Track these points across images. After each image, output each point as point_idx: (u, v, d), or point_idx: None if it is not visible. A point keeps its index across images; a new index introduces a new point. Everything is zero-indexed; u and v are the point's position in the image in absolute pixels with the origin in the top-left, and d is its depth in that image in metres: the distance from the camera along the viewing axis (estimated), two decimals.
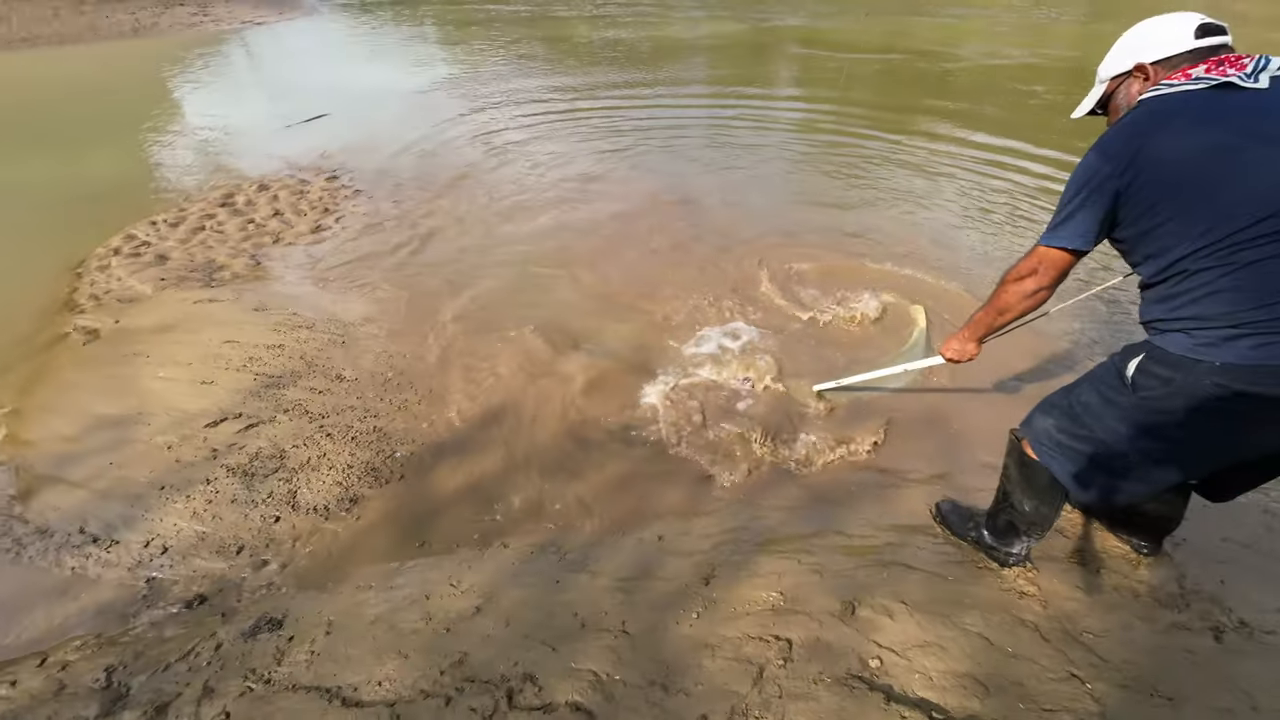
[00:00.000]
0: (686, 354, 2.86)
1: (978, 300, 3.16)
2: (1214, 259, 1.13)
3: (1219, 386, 1.15)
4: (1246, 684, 1.36)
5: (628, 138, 6.04)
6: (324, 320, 3.13)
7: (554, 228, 4.18)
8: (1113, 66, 1.34)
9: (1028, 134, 5.79)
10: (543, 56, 10.09)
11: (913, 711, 1.31)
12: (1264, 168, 1.08)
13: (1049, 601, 1.60)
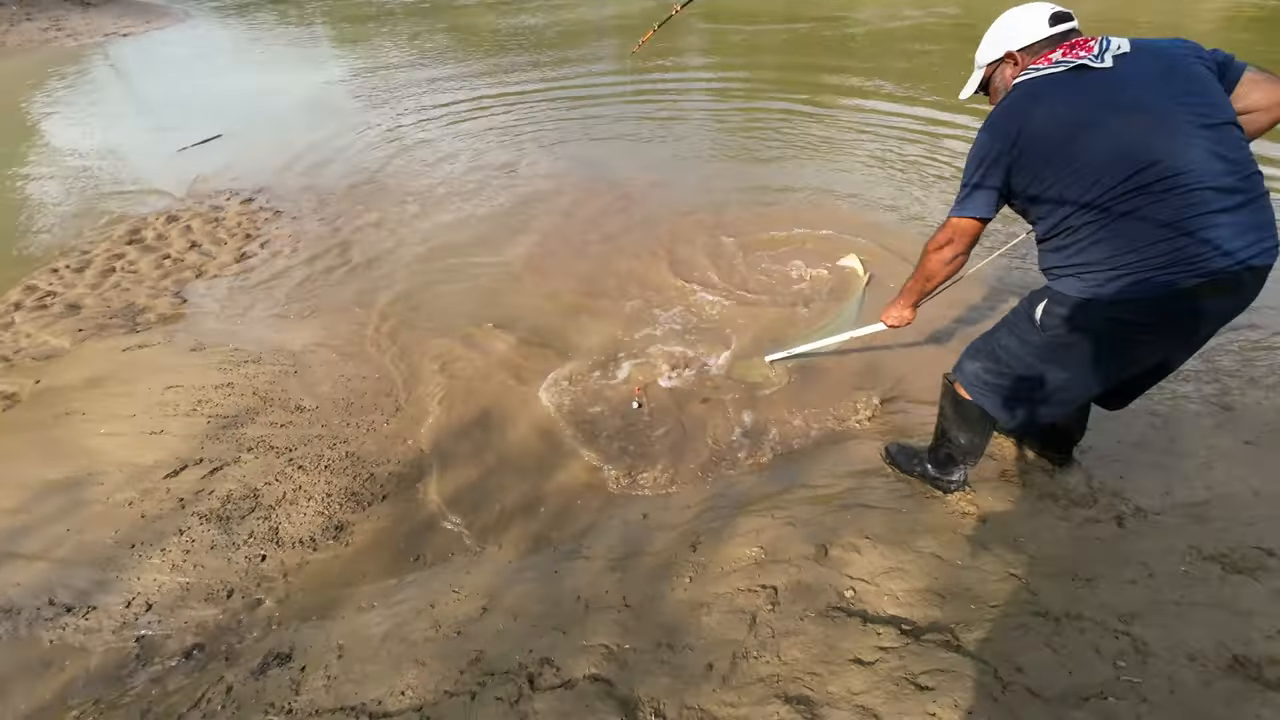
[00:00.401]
0: (641, 340, 2.98)
1: (905, 254, 3.46)
2: (1092, 215, 1.34)
3: (1107, 320, 1.38)
4: (1144, 558, 1.64)
5: (545, 125, 6.02)
6: (270, 352, 3.05)
7: (486, 226, 4.18)
8: (987, 55, 1.55)
9: (930, 93, 6.18)
10: (449, 49, 9.79)
11: (886, 628, 1.52)
12: (1123, 136, 1.28)
13: (986, 517, 1.85)
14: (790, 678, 1.42)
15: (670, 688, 1.45)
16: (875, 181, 4.46)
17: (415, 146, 5.70)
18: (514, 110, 6.51)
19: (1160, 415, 2.24)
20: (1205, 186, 1.25)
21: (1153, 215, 1.28)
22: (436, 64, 8.71)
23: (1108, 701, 1.26)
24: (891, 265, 3.40)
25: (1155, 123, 1.27)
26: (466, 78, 7.73)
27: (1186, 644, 1.37)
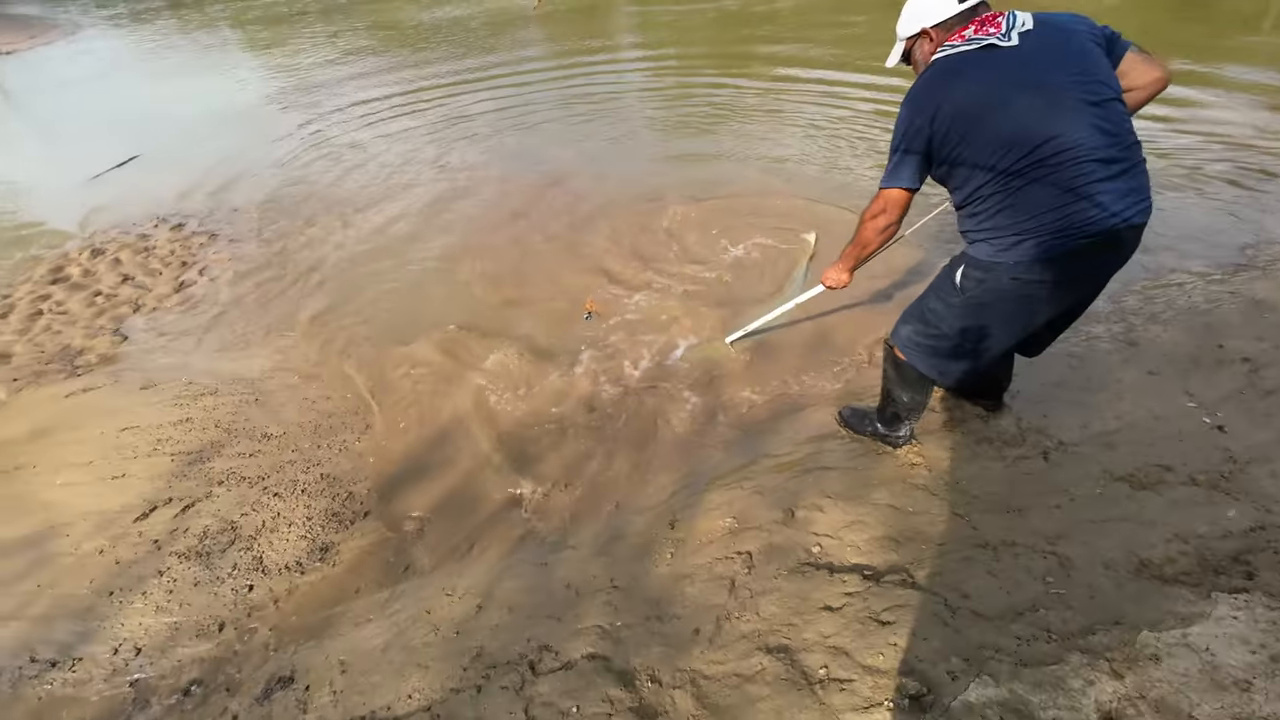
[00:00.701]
0: (601, 332, 3.06)
1: (848, 221, 3.63)
2: (998, 186, 1.49)
3: (1014, 280, 1.55)
4: (1066, 485, 1.85)
5: (477, 120, 5.96)
6: (227, 382, 2.99)
7: (430, 228, 4.17)
8: (905, 29, 1.67)
9: (855, 62, 6.39)
10: (371, 47, 9.46)
11: (851, 576, 1.68)
12: (1027, 114, 1.43)
13: (932, 465, 2.04)
14: (769, 631, 1.56)
15: (662, 655, 1.57)
16: (813, 152, 4.63)
17: (347, 151, 5.56)
18: (445, 104, 6.41)
19: (1076, 355, 2.47)
20: (1092, 159, 1.42)
21: (1048, 186, 1.44)
22: (360, 63, 8.42)
23: (1039, 613, 1.45)
24: (834, 231, 3.57)
25: (1052, 102, 1.43)
26: (393, 75, 7.52)
27: (1102, 555, 1.58)
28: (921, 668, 1.37)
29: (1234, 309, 2.60)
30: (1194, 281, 2.87)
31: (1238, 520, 1.61)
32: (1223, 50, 5.85)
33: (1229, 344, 2.38)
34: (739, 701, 1.41)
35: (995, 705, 1.26)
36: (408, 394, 2.81)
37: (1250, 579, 1.44)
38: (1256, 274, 2.86)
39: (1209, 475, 1.78)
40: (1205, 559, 1.51)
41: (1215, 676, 1.23)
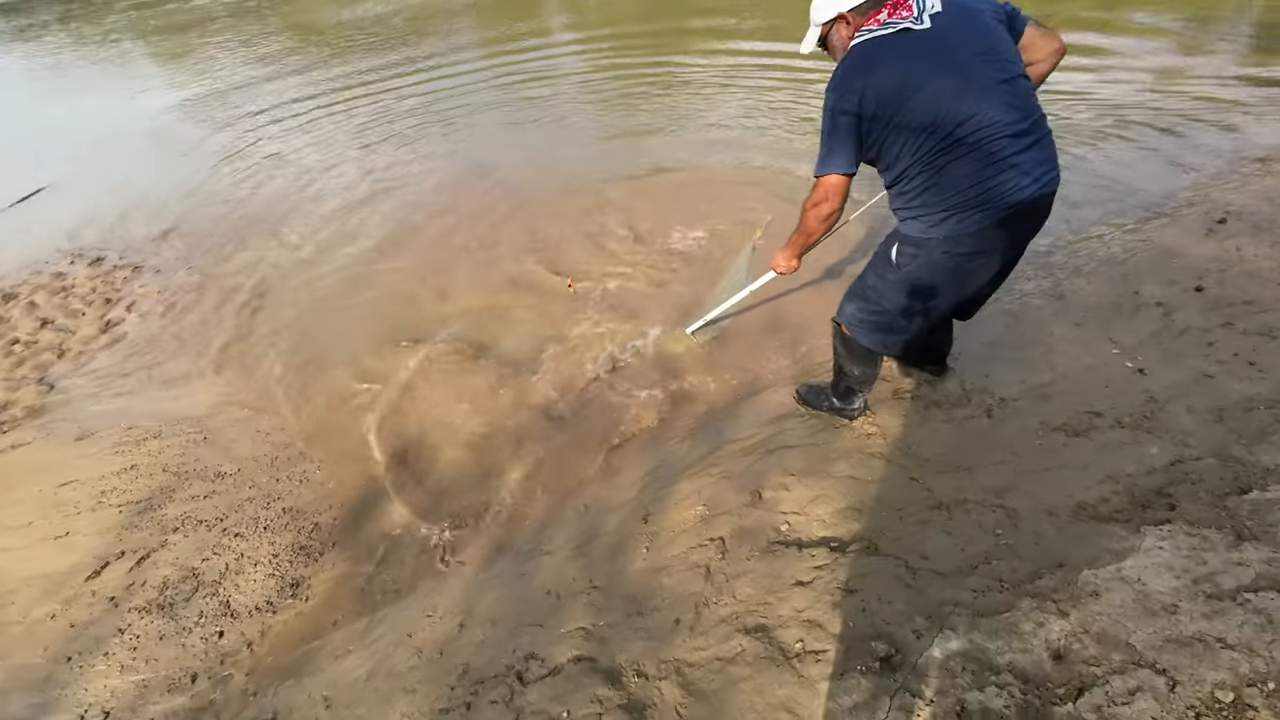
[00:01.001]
0: (558, 333, 3.05)
1: (791, 199, 3.70)
2: (923, 165, 1.56)
3: (945, 254, 1.62)
4: (1009, 440, 1.97)
5: (406, 119, 5.80)
6: (170, 423, 2.86)
7: (367, 238, 4.05)
8: (822, 15, 1.69)
9: (787, 33, 6.45)
10: (289, 50, 9.01)
11: (819, 549, 1.75)
12: (944, 96, 1.49)
13: (886, 433, 2.13)
14: (746, 612, 1.62)
15: (646, 649, 1.61)
16: (754, 128, 4.68)
17: (273, 163, 5.32)
18: (372, 105, 6.19)
19: (1011, 313, 2.61)
20: (1006, 134, 1.50)
21: (969, 163, 1.52)
22: (278, 68, 8.02)
23: (992, 565, 1.55)
24: (780, 209, 3.64)
25: (966, 82, 1.50)
26: (314, 78, 7.21)
27: (1044, 502, 1.69)
28: (889, 630, 1.44)
29: (1147, 256, 2.79)
30: (1112, 233, 3.06)
31: (1159, 457, 1.75)
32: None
33: (1144, 290, 2.55)
34: (722, 685, 1.46)
35: (958, 657, 1.34)
36: (370, 415, 2.74)
37: (1172, 510, 1.57)
38: (1166, 221, 3.06)
39: (1133, 416, 1.92)
40: (1133, 496, 1.64)
41: (1147, 605, 1.35)
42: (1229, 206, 3.04)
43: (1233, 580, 1.35)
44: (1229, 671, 1.19)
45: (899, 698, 1.30)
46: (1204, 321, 2.29)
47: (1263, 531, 1.44)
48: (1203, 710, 1.15)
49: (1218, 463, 1.67)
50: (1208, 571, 1.38)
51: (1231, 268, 2.56)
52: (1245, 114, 4.11)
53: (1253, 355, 2.06)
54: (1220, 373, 2.02)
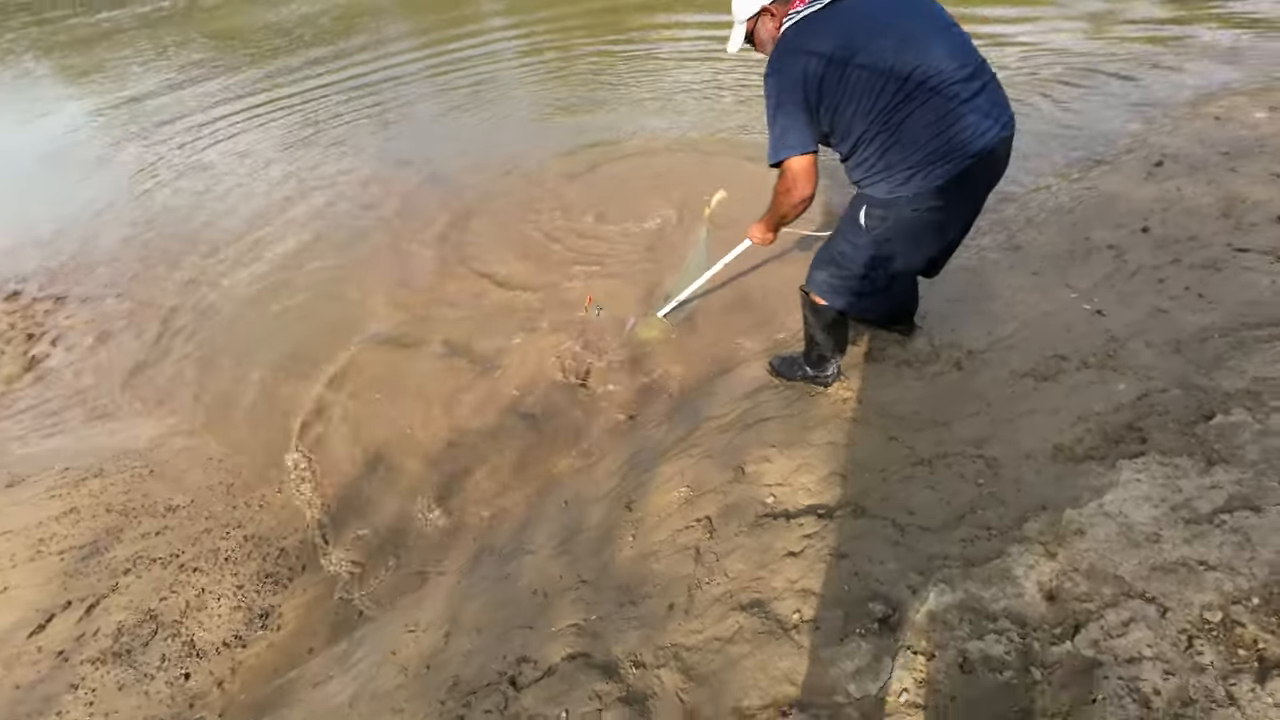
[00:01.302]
0: (519, 327, 2.96)
1: (745, 167, 3.67)
2: (879, 127, 1.54)
3: (914, 210, 1.60)
4: (981, 391, 1.98)
5: (341, 121, 5.57)
6: (111, 459, 2.66)
7: (306, 250, 3.85)
8: (745, 11, 1.68)
9: (727, 4, 6.42)
10: (212, 58, 8.53)
11: (807, 518, 1.72)
12: (887, 52, 1.47)
13: (862, 397, 2.12)
14: (740, 589, 1.59)
15: (642, 638, 1.56)
16: (697, 108, 4.64)
17: (201, 176, 5.03)
18: (304, 109, 5.91)
19: (970, 269, 2.64)
20: (955, 81, 1.49)
21: (925, 114, 1.50)
22: (198, 77, 7.59)
23: (978, 514, 1.55)
24: (734, 185, 3.60)
25: (904, 36, 1.49)
26: (240, 85, 6.84)
27: (1022, 448, 1.70)
28: (884, 590, 1.43)
29: (1093, 203, 2.86)
30: (1058, 183, 3.13)
31: (1126, 393, 1.78)
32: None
33: (1094, 235, 2.61)
34: (722, 665, 1.43)
35: (954, 609, 1.33)
36: (326, 435, 2.61)
37: (1144, 443, 1.59)
38: (1108, 168, 3.15)
39: (1097, 357, 1.95)
40: (1106, 433, 1.67)
41: (1130, 536, 1.36)
42: (1164, 150, 3.14)
43: (1208, 504, 1.38)
44: (1215, 592, 1.21)
45: (901, 656, 1.29)
46: (1153, 260, 2.35)
47: (1231, 454, 1.47)
48: (1194, 632, 1.16)
49: (1182, 393, 1.71)
50: (1184, 498, 1.41)
51: (1173, 207, 2.64)
52: (1171, 59, 4.27)
53: (1201, 288, 2.13)
54: (1174, 307, 2.07)
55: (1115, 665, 1.15)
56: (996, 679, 1.21)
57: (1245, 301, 2.01)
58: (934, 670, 1.25)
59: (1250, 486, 1.38)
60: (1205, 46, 4.36)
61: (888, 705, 1.23)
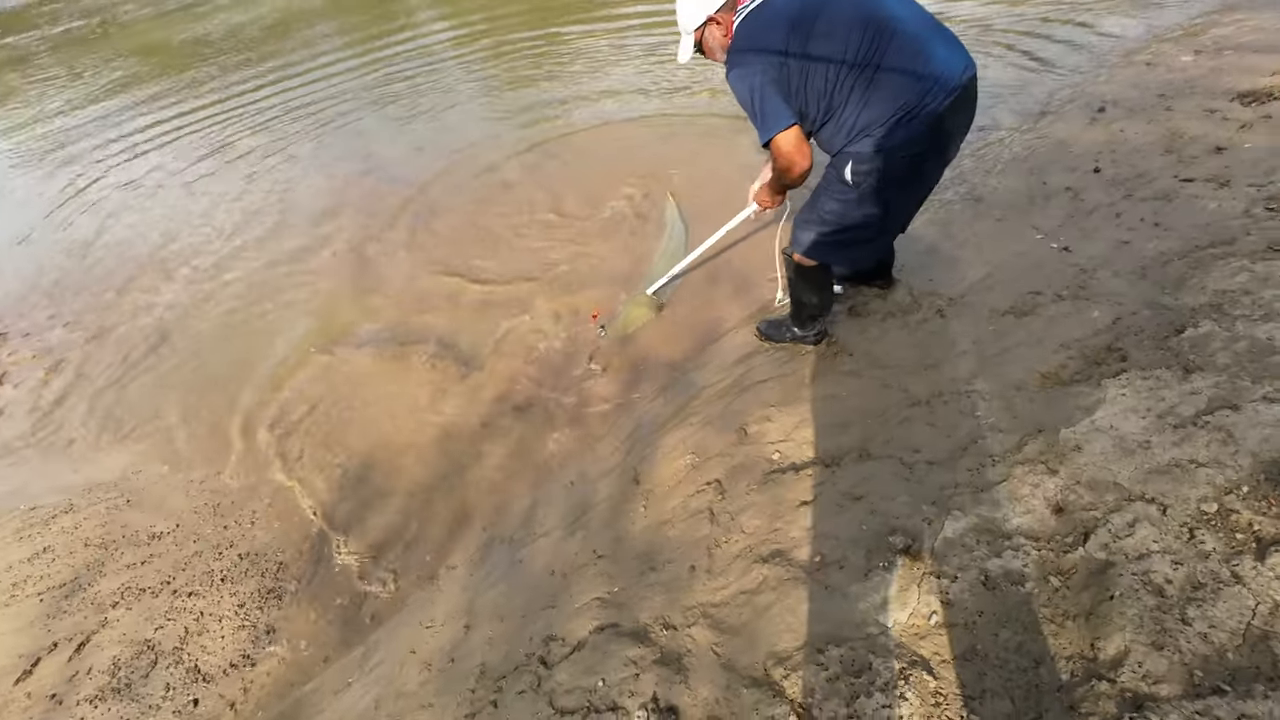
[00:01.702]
0: (507, 319, 2.92)
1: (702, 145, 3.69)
2: (854, 80, 1.57)
3: (902, 158, 1.63)
4: (965, 332, 2.05)
5: (282, 127, 5.36)
6: (82, 493, 2.52)
7: (266, 258, 3.71)
8: (692, 22, 1.73)
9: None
10: (136, 76, 8.09)
11: (814, 468, 1.76)
12: (845, 12, 1.53)
13: (852, 350, 2.17)
14: (759, 543, 1.61)
15: (667, 601, 1.57)
16: (644, 90, 4.64)
17: (138, 196, 4.77)
18: (239, 120, 5.67)
19: (938, 221, 2.72)
20: (914, 29, 1.55)
21: (896, 62, 1.54)
22: (124, 96, 7.20)
23: (979, 443, 1.61)
24: (690, 160, 3.63)
25: (847, 9, 1.55)
26: (169, 100, 6.52)
27: (1011, 379, 1.77)
28: (900, 523, 1.47)
29: (1045, 150, 2.98)
30: (1010, 135, 3.25)
31: (1101, 319, 1.87)
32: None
33: (1051, 180, 2.72)
34: (751, 615, 1.44)
35: (971, 533, 1.38)
36: (313, 441, 2.52)
37: (1124, 361, 1.68)
38: (1054, 117, 3.28)
39: (1069, 289, 2.04)
40: (1088, 357, 1.74)
41: (1124, 446, 1.43)
42: (1104, 97, 3.29)
43: (1190, 408, 1.46)
44: (1208, 486, 1.28)
45: (926, 582, 1.33)
46: (1108, 197, 2.46)
47: (1205, 361, 1.56)
48: (1194, 524, 1.23)
49: (1151, 313, 1.80)
50: (1168, 406, 1.49)
51: (1120, 147, 2.77)
52: (1098, 13, 4.47)
53: (1156, 218, 2.24)
54: (1133, 238, 2.18)
55: (1127, 563, 1.21)
56: (1018, 591, 1.26)
57: (1197, 225, 2.12)
58: (958, 591, 1.29)
59: (1226, 388, 1.47)
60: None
61: (919, 628, 1.26)
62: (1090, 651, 1.12)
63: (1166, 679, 1.03)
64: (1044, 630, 1.19)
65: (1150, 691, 1.03)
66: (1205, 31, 3.75)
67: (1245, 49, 3.35)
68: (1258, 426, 1.35)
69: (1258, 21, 3.66)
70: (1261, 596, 1.08)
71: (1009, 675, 1.15)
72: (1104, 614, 1.16)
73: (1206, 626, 1.07)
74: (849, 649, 1.27)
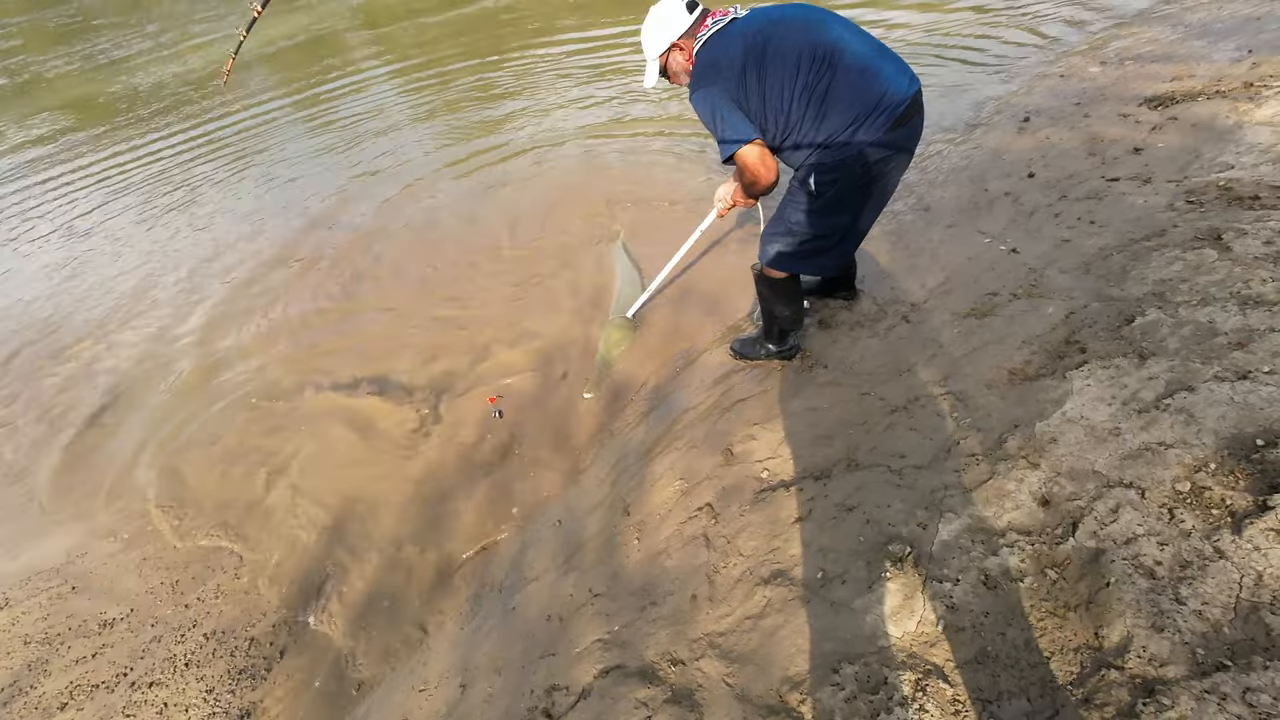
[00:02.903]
0: (472, 358, 2.86)
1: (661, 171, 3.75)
2: (808, 99, 1.65)
3: (863, 165, 1.70)
4: (932, 336, 2.11)
5: (222, 177, 5.22)
6: (17, 585, 2.30)
7: (207, 320, 3.54)
8: (656, 48, 1.82)
9: (600, 21, 6.60)
10: (63, 130, 7.71)
11: (805, 482, 1.76)
12: (795, 34, 1.63)
13: (826, 362, 2.21)
14: (759, 564, 1.59)
15: (672, 635, 1.53)
16: (584, 117, 4.74)
17: (62, 254, 4.52)
18: (175, 173, 5.47)
19: (892, 232, 2.83)
20: (861, 50, 1.65)
21: (847, 79, 1.63)
22: (51, 150, 6.85)
23: (961, 444, 1.64)
24: (628, 193, 3.69)
25: (806, 22, 1.67)
26: (96, 158, 6.23)
27: (982, 378, 1.83)
28: (897, 530, 1.48)
29: (981, 159, 3.16)
30: (946, 147, 3.43)
31: (1056, 313, 1.96)
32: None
33: (991, 186, 2.87)
34: (760, 640, 1.42)
35: (966, 533, 1.40)
36: (277, 504, 2.38)
37: (1083, 352, 1.76)
38: (984, 128, 3.49)
39: (1023, 287, 2.14)
40: (1049, 351, 1.82)
41: (1096, 434, 1.49)
42: (1027, 108, 3.52)
43: (1151, 392, 1.53)
44: (1178, 466, 1.34)
45: (929, 588, 1.33)
46: (1045, 199, 2.62)
47: (1157, 347, 1.65)
48: (1173, 504, 1.28)
49: (1101, 305, 1.90)
50: (1130, 392, 1.56)
51: (1049, 153, 2.96)
52: (1008, 26, 4.82)
53: (1091, 216, 2.39)
54: (1074, 235, 2.31)
55: (1116, 548, 1.25)
56: (1019, 588, 1.27)
57: (1129, 220, 2.27)
58: (961, 594, 1.30)
59: (1180, 371, 1.55)
60: (1034, 16, 4.96)
61: (928, 636, 1.26)
62: (1095, 641, 1.14)
63: (1172, 661, 1.06)
64: (1048, 625, 1.20)
65: (1158, 675, 1.05)
66: (1107, 45, 4.09)
67: (1144, 59, 3.66)
68: (1214, 405, 1.43)
69: (1151, 34, 4.01)
70: (1244, 569, 1.12)
71: (1022, 674, 1.15)
72: (1103, 602, 1.18)
73: (1200, 604, 1.11)
74: (862, 665, 1.26)
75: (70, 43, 12.71)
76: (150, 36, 12.07)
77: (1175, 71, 3.35)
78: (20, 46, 13.23)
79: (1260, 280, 1.74)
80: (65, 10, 16.38)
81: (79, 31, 13.65)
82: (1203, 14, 4.09)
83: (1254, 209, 2.07)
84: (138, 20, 13.74)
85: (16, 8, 18.18)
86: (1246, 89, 2.89)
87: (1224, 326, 1.64)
